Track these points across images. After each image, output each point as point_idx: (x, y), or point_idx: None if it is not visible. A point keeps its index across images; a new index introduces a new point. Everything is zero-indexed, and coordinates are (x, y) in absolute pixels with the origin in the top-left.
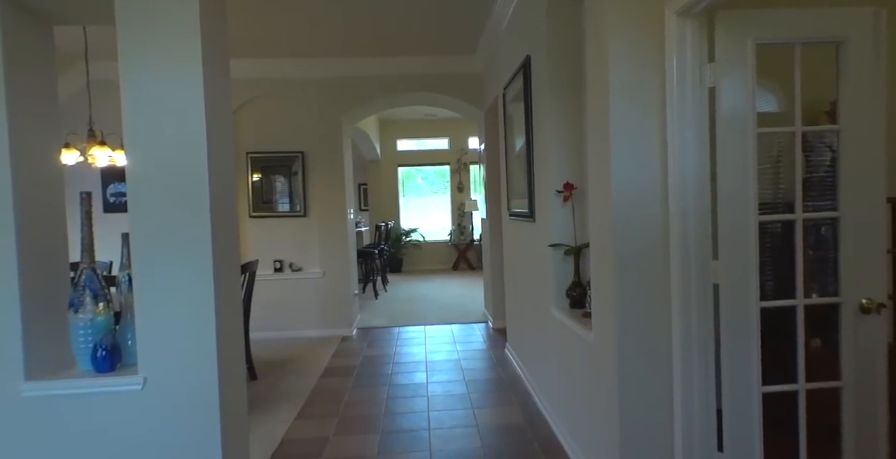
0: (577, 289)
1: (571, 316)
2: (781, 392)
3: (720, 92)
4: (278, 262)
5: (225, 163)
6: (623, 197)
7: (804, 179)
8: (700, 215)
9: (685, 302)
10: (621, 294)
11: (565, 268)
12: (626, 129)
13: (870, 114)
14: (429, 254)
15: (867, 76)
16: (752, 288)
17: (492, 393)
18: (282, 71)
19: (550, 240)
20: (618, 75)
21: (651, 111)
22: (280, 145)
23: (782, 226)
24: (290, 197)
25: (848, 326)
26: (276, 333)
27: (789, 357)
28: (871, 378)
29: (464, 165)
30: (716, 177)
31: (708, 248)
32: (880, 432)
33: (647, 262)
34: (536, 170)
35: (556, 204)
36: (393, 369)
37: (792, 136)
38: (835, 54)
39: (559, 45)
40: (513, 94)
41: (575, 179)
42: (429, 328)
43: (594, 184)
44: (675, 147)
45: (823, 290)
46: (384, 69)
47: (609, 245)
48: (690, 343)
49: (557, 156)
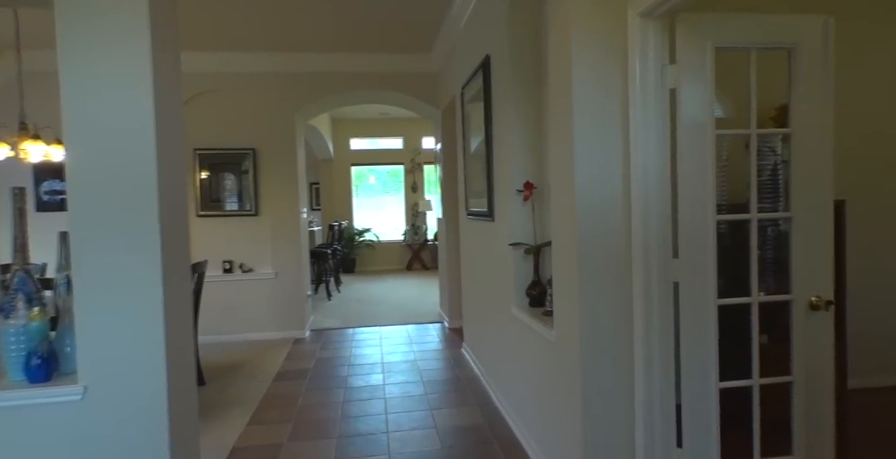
0: (537, 288)
1: (532, 314)
2: (736, 387)
3: (681, 93)
4: (228, 263)
5: (175, 158)
6: (586, 196)
7: (748, 183)
8: (661, 214)
9: (647, 301)
10: (583, 292)
11: (525, 267)
12: (590, 129)
13: (819, 118)
14: (382, 255)
15: (817, 81)
16: (710, 286)
17: (450, 394)
18: (232, 65)
19: (510, 239)
20: (581, 75)
21: (614, 111)
22: (230, 142)
23: (728, 226)
24: (240, 195)
25: (799, 323)
26: (227, 336)
27: (741, 353)
28: (820, 372)
29: (418, 165)
30: (677, 176)
31: (668, 247)
32: (827, 425)
33: (609, 261)
34: (496, 169)
35: (515, 203)
36: (348, 371)
37: (740, 140)
38: (779, 62)
39: (520, 45)
40: (472, 94)
41: (534, 178)
42: (384, 329)
43: (556, 184)
44: (637, 147)
45: (768, 288)
46: (339, 66)
47: (572, 243)
48: (651, 341)
49: (517, 155)
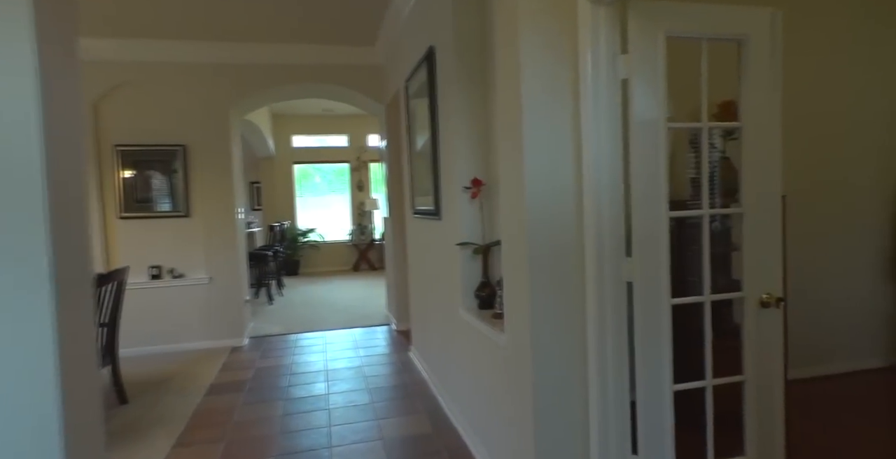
0: (486, 290)
1: (481, 317)
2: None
3: (633, 84)
4: (156, 268)
5: (70, 154)
6: (537, 192)
7: (692, 178)
8: (614, 211)
9: (600, 303)
10: (534, 294)
11: (473, 268)
12: (540, 122)
13: (768, 112)
14: (328, 255)
15: (766, 74)
16: (663, 285)
17: (397, 401)
18: (157, 54)
19: (458, 239)
20: (530, 65)
21: (565, 104)
22: (157, 138)
23: (674, 223)
24: (169, 195)
25: (750, 321)
26: (155, 347)
27: (689, 351)
28: (770, 370)
29: (364, 163)
30: (629, 172)
31: (622, 245)
32: (777, 423)
33: (560, 261)
34: (442, 165)
35: (463, 200)
36: (290, 381)
37: (682, 135)
38: (719, 58)
39: (465, 34)
40: (416, 87)
41: (483, 175)
42: (329, 333)
43: (506, 180)
44: (589, 140)
45: (715, 285)
46: (276, 57)
47: (521, 243)
48: (605, 345)
49: (464, 150)
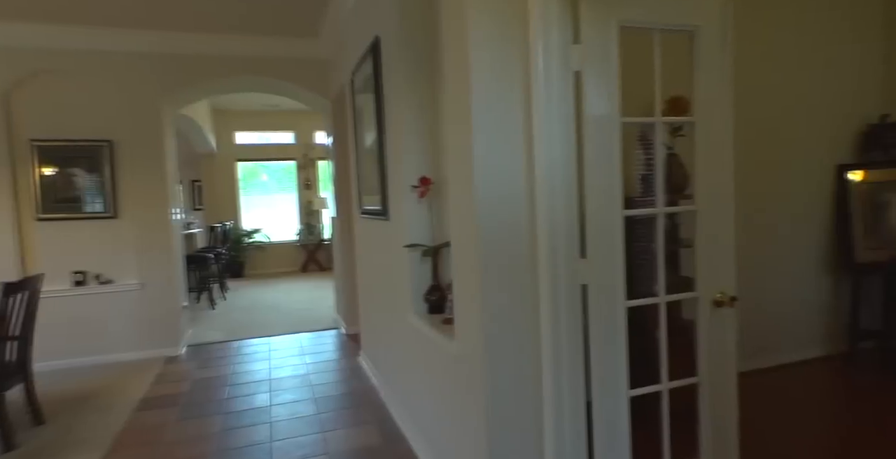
0: (436, 293)
1: (431, 322)
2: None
3: (585, 76)
4: (80, 274)
5: None
6: (487, 191)
7: (642, 175)
8: (568, 210)
9: (554, 307)
10: (486, 298)
11: (422, 270)
12: (490, 117)
13: (720, 107)
14: (275, 256)
15: (717, 67)
16: (619, 287)
17: (345, 411)
18: (79, 40)
19: (406, 240)
20: (479, 56)
21: (516, 96)
22: (80, 132)
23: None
24: (95, 195)
25: (703, 321)
26: (78, 360)
27: (644, 354)
28: (724, 370)
29: (311, 161)
30: (583, 168)
31: (576, 246)
32: (731, 423)
33: (513, 263)
34: (389, 163)
35: (411, 200)
36: (229, 392)
37: (633, 132)
38: (667, 54)
39: (412, 24)
40: (361, 81)
41: (432, 173)
42: (274, 339)
43: (455, 178)
44: (541, 135)
45: (667, 283)
46: (212, 48)
47: (472, 244)
48: (560, 349)
49: (412, 147)
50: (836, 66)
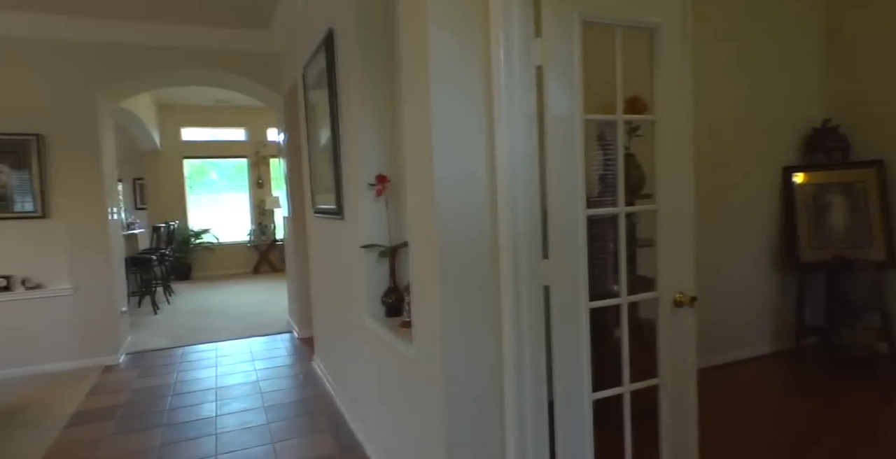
0: (394, 296)
1: (388, 326)
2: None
3: (548, 71)
4: (3, 279)
5: None
6: (447, 189)
7: (600, 175)
8: (530, 209)
9: (516, 308)
10: (445, 300)
11: (379, 272)
12: (451, 112)
13: (679, 105)
14: (225, 257)
15: (677, 66)
16: (581, 288)
17: (298, 419)
18: (3, 26)
19: (362, 240)
20: (438, 50)
21: (477, 91)
22: (4, 125)
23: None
24: (22, 193)
25: (664, 321)
26: (3, 372)
27: (602, 354)
28: (684, 371)
29: (263, 159)
30: (545, 166)
31: (538, 247)
32: (691, 423)
33: (473, 263)
34: (344, 160)
35: (367, 199)
36: (172, 403)
37: (591, 131)
38: (628, 51)
39: (368, 16)
40: (314, 75)
41: (389, 170)
42: (222, 345)
43: (413, 176)
44: (503, 131)
45: (618, 283)
46: (154, 38)
47: (431, 244)
48: (523, 354)
49: (368, 144)
50: (783, 72)
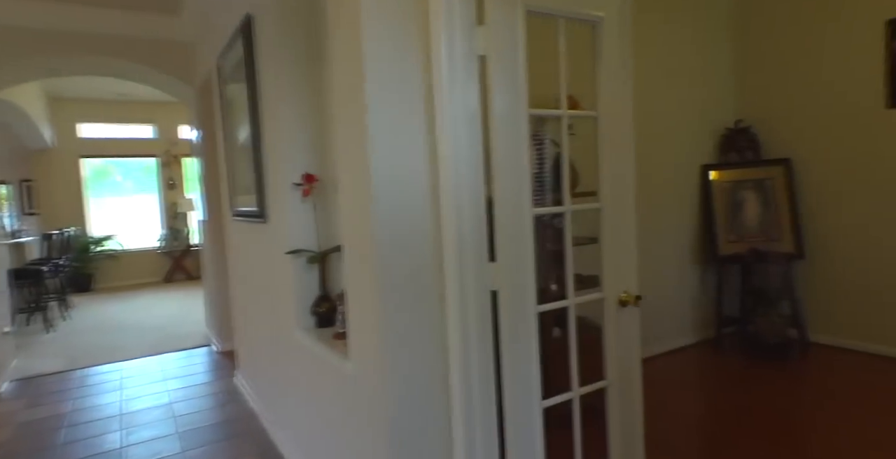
0: (325, 305)
1: (320, 338)
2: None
3: (491, 61)
4: None
5: None
6: (385, 188)
7: (535, 174)
8: (475, 209)
9: (463, 315)
10: (384, 309)
11: (309, 279)
12: (387, 107)
13: (622, 101)
14: (132, 266)
15: (618, 61)
16: (529, 291)
17: (218, 445)
18: None
19: (289, 245)
20: (373, 39)
21: (416, 83)
22: None
23: None
24: None
25: (610, 321)
26: None
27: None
28: (630, 370)
29: (175, 158)
30: (491, 163)
31: (484, 249)
32: (637, 424)
33: (415, 268)
34: (267, 158)
35: (293, 200)
36: (67, 436)
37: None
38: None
39: (291, 1)
40: (231, 66)
41: (317, 169)
42: (129, 364)
43: (346, 174)
44: (445, 126)
45: (559, 281)
46: (37, 19)
47: (367, 249)
48: (471, 364)
49: (293, 140)
50: (700, 74)
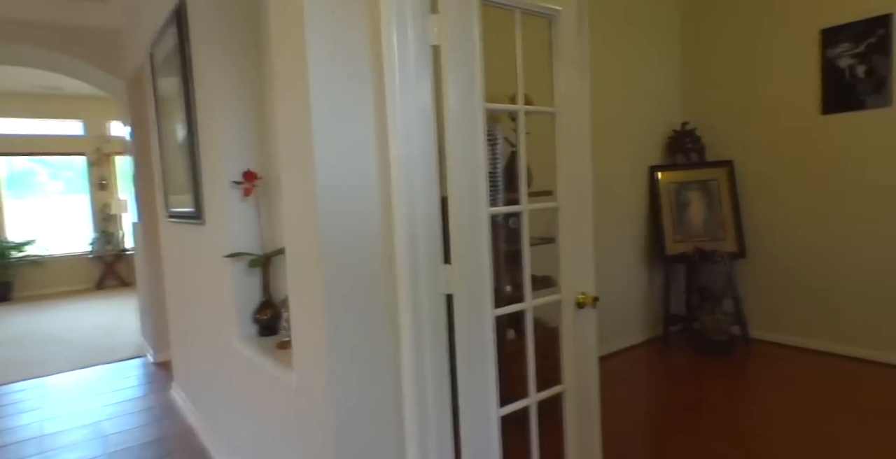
0: (268, 312)
1: (262, 347)
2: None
3: (445, 52)
4: None
5: None
6: (332, 187)
7: (488, 174)
8: (429, 208)
9: (416, 321)
10: (330, 316)
11: (250, 284)
12: (333, 100)
13: (579, 97)
14: (58, 272)
15: (576, 56)
16: (486, 294)
17: None
18: None
19: (228, 248)
20: (317, 25)
21: (364, 75)
22: None
23: None
24: None
25: (567, 323)
26: None
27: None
28: (587, 373)
29: (106, 156)
30: (445, 160)
31: (438, 250)
32: (594, 425)
33: (364, 272)
34: (203, 154)
35: (233, 200)
36: None
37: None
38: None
39: None
40: (164, 56)
41: (259, 166)
42: (51, 380)
43: (289, 172)
44: (395, 120)
45: (513, 281)
46: None
47: (312, 251)
48: (424, 373)
49: (231, 134)
50: (648, 77)
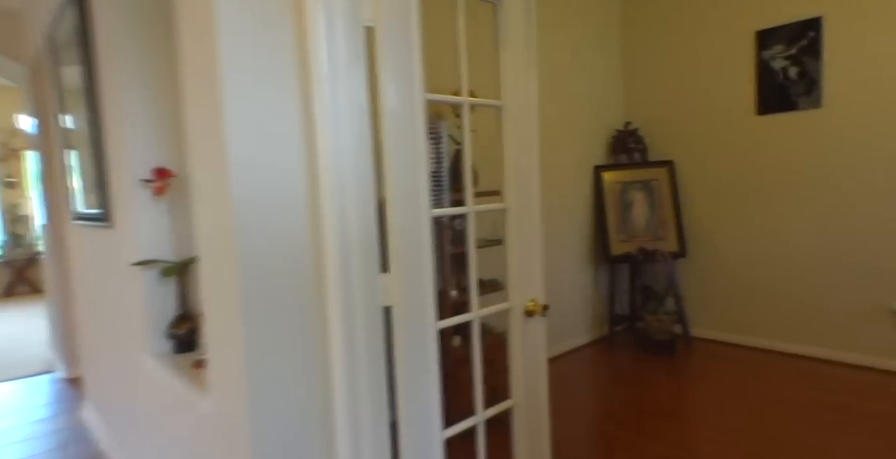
0: (185, 325)
1: (176, 366)
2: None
3: (380, 34)
4: None
5: None
6: (250, 189)
7: (431, 173)
8: (364, 211)
9: (349, 337)
10: (249, 332)
11: (164, 294)
12: (250, 90)
13: (526, 91)
14: None
15: (522, 47)
16: (428, 304)
17: None
18: None
19: (138, 255)
20: (230, 2)
21: (288, 62)
22: None
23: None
24: None
25: (516, 333)
26: None
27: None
28: (537, 385)
29: (13, 152)
30: (382, 157)
31: (375, 258)
32: (544, 437)
33: (289, 283)
34: (110, 149)
35: (142, 200)
36: None
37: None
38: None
39: None
40: (65, 38)
41: (173, 163)
42: None
43: (202, 172)
44: (324, 113)
45: (459, 285)
46: None
47: (227, 259)
48: (359, 396)
49: (141, 129)
50: (592, 78)
